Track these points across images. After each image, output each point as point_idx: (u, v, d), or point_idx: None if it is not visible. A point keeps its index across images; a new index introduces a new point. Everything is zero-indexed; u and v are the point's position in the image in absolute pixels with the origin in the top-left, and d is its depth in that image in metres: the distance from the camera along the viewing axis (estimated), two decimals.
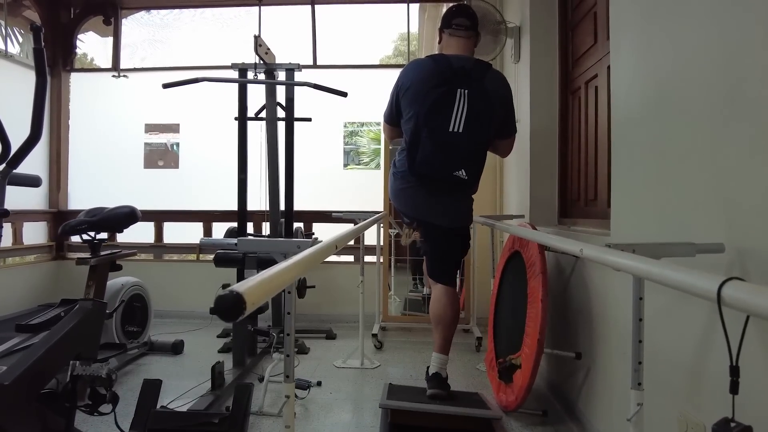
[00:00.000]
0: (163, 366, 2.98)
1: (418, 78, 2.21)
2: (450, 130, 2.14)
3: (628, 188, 1.69)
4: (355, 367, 2.94)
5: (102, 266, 1.48)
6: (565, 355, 2.08)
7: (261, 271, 2.14)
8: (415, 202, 2.32)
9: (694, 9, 1.28)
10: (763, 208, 1.02)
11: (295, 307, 1.16)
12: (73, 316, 1.36)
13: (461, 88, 2.15)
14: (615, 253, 0.98)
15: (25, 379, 1.17)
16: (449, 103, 2.15)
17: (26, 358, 1.19)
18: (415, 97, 2.19)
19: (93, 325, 1.41)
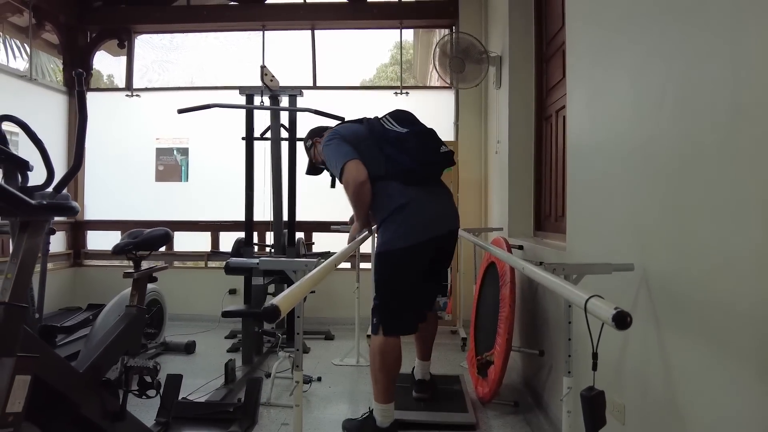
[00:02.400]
0: (178, 364, 3.29)
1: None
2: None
3: (578, 213, 2.03)
4: (352, 365, 3.27)
5: (143, 279, 1.80)
6: (531, 353, 2.41)
7: (269, 280, 2.57)
8: (421, 215, 2.09)
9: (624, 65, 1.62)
10: (660, 237, 1.35)
11: (303, 310, 1.49)
12: (123, 320, 1.68)
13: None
14: (541, 270, 1.31)
15: (92, 369, 1.50)
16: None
17: (92, 352, 1.52)
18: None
19: (137, 327, 1.73)
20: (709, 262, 1.12)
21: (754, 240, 0.96)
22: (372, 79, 17.07)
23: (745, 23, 0.99)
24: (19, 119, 2.29)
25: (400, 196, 2.09)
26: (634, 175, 1.50)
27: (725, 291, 1.05)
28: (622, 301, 1.53)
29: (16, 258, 1.20)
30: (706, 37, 1.13)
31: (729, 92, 1.04)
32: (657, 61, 1.37)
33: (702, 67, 1.15)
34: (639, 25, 1.48)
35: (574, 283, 1.47)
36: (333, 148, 2.16)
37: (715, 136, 1.08)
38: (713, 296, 1.09)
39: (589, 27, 1.93)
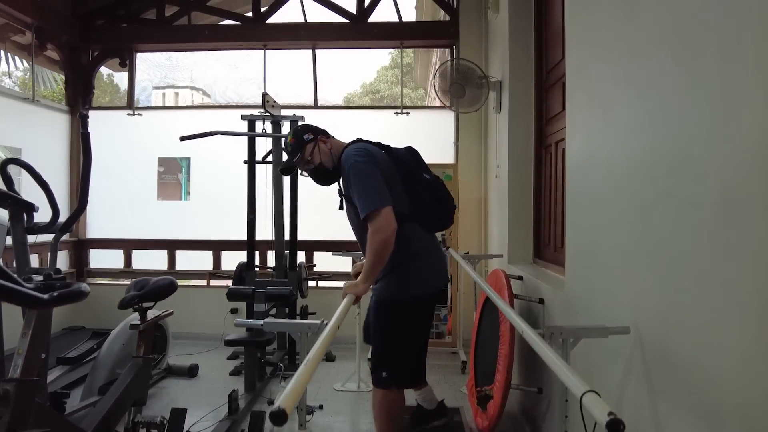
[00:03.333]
0: (181, 389, 3.33)
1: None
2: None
3: (577, 252, 2.06)
4: (353, 390, 3.31)
5: (149, 330, 1.84)
6: (529, 390, 2.45)
7: (270, 305, 2.51)
8: (434, 262, 2.04)
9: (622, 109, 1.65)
10: (653, 302, 1.38)
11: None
12: (129, 371, 1.72)
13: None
14: (541, 342, 1.34)
15: (100, 426, 1.54)
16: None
17: (100, 409, 1.56)
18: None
19: (143, 377, 1.77)
20: (702, 335, 1.15)
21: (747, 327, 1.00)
22: (372, 83, 17.07)
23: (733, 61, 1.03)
24: (24, 162, 2.33)
25: (419, 240, 1.98)
26: (631, 222, 1.53)
27: (717, 370, 1.09)
28: (616, 359, 1.57)
29: (27, 332, 1.24)
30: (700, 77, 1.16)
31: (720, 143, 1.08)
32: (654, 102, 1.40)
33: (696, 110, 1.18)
34: (637, 65, 1.51)
35: (572, 345, 1.51)
36: (368, 174, 1.86)
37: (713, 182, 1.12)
38: (705, 372, 1.13)
39: (589, 65, 1.96)
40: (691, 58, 1.21)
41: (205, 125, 3.84)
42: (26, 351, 1.22)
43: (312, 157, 2.06)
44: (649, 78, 1.44)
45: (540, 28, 3.26)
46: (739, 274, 1.02)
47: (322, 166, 2.06)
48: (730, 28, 1.06)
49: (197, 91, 21.68)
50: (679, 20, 1.28)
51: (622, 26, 1.63)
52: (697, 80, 1.20)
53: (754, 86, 0.98)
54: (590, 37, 1.95)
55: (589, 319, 1.89)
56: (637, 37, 1.52)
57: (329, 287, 4.40)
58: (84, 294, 1.32)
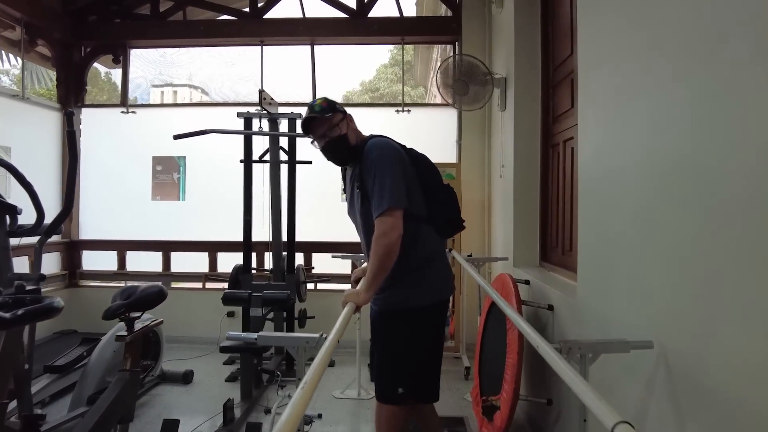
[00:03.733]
0: (175, 396, 3.22)
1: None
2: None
3: (590, 257, 1.95)
4: (353, 398, 3.20)
5: (136, 341, 1.72)
6: (539, 401, 2.34)
7: (267, 310, 2.31)
8: (446, 268, 1.94)
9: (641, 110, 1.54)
10: (680, 315, 1.27)
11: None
12: (115, 386, 1.60)
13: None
14: (559, 358, 1.23)
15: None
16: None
17: (83, 427, 1.44)
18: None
19: (130, 392, 1.65)
20: (737, 354, 1.04)
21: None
22: (372, 81, 16.95)
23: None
24: (6, 162, 2.22)
25: (434, 243, 1.87)
26: (653, 227, 1.42)
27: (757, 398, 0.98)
28: (639, 377, 1.46)
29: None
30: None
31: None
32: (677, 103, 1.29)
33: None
34: (660, 58, 1.39)
35: (592, 360, 1.40)
36: (393, 170, 1.74)
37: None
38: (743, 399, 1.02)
39: (604, 59, 1.85)
40: (726, 51, 1.10)
41: (201, 123, 3.72)
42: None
43: (339, 127, 1.86)
44: (675, 73, 1.33)
45: (546, 23, 3.14)
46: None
47: (345, 140, 1.86)
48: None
49: (196, 89, 21.50)
50: (711, 7, 1.17)
51: (643, 16, 1.52)
52: (733, 76, 1.08)
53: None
54: (605, 30, 1.84)
55: (602, 330, 1.78)
56: (660, 28, 1.41)
57: (328, 290, 4.28)
58: (55, 310, 1.20)
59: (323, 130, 1.85)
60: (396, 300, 1.83)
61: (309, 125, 1.87)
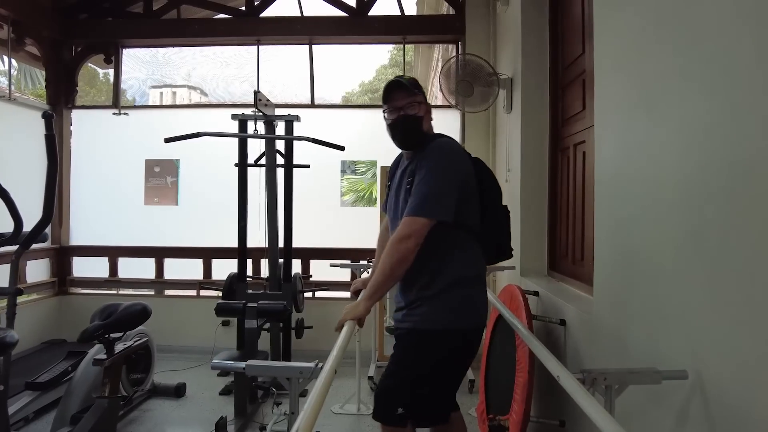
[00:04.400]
0: (166, 412, 3.07)
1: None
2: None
3: (610, 279, 1.81)
4: (353, 413, 3.05)
5: (117, 366, 1.58)
6: (550, 423, 2.19)
7: (262, 322, 2.12)
8: (486, 295, 1.82)
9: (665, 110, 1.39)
10: (723, 340, 1.13)
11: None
12: (92, 415, 1.46)
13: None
14: (581, 390, 1.09)
15: None
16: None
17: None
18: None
19: (109, 420, 1.51)
20: None
21: None
22: (371, 81, 16.80)
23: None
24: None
25: (481, 264, 1.74)
26: (685, 241, 1.28)
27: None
28: (670, 408, 1.32)
29: None
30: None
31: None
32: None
33: None
34: (696, 53, 1.25)
35: (618, 392, 1.25)
36: (451, 174, 1.62)
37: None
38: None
39: (626, 56, 1.71)
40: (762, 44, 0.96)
41: (195, 125, 3.57)
42: None
43: (419, 108, 1.76)
44: (714, 69, 1.18)
45: (556, 20, 3.01)
46: None
47: (419, 122, 1.74)
48: None
49: (195, 90, 21.34)
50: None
51: (672, 9, 1.38)
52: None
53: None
54: (627, 23, 1.70)
55: (623, 353, 1.63)
56: (695, 19, 1.26)
57: (327, 298, 4.14)
58: (9, 345, 1.06)
59: (403, 103, 1.73)
60: (439, 318, 1.63)
61: (392, 92, 1.75)
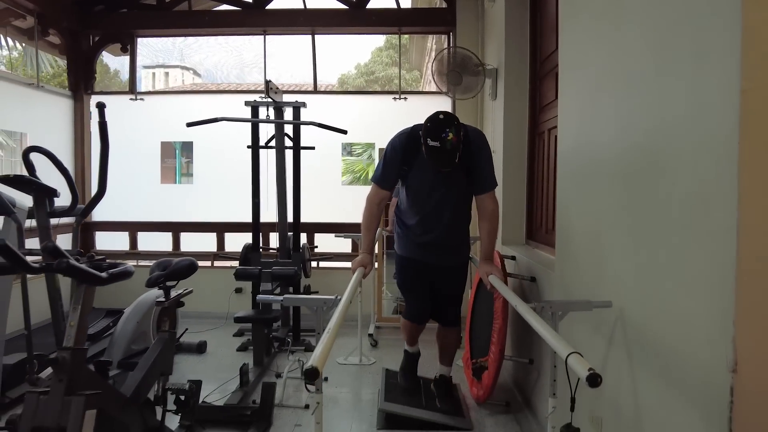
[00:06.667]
0: (191, 365, 3.51)
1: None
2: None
3: (567, 242, 2.23)
4: (355, 364, 3.51)
5: (172, 306, 1.99)
6: (521, 361, 2.65)
7: (276, 285, 2.74)
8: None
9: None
10: (633, 282, 1.56)
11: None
12: (157, 344, 1.88)
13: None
14: (531, 313, 1.51)
15: (137, 392, 1.70)
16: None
17: (135, 376, 1.72)
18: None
19: (169, 349, 1.93)
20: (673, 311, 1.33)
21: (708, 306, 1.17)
22: (367, 64, 16.96)
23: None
24: (45, 149, 2.45)
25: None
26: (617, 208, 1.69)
27: (685, 340, 1.26)
28: (602, 334, 1.75)
29: (77, 307, 1.39)
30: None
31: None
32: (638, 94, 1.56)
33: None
34: (624, 63, 1.65)
35: (561, 317, 1.69)
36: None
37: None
38: (676, 340, 1.30)
39: (580, 58, 2.10)
40: (673, 59, 1.36)
41: (205, 109, 3.95)
42: (77, 323, 1.37)
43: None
44: (634, 77, 1.58)
45: (535, 18, 3.37)
46: (705, 259, 1.18)
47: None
48: (709, 31, 1.19)
49: (188, 70, 21.44)
50: (662, 24, 1.42)
51: (610, 23, 1.77)
52: (676, 81, 1.34)
53: (726, 84, 1.11)
54: (582, 32, 2.08)
55: (571, 294, 2.07)
56: (623, 38, 1.66)
57: (330, 267, 4.57)
58: (132, 273, 1.47)
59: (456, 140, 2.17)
60: (468, 253, 2.75)
61: (456, 154, 2.18)
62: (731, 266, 1.06)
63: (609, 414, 1.71)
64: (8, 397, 2.67)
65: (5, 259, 1.17)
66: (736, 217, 1.06)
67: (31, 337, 2.58)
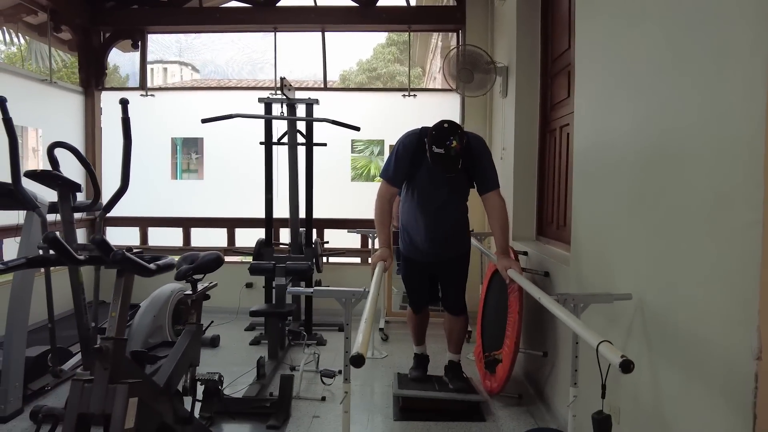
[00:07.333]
0: (206, 358, 3.53)
1: None
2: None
3: (583, 237, 2.28)
4: (368, 358, 3.54)
5: (199, 299, 2.04)
6: (536, 354, 2.70)
7: (289, 279, 2.81)
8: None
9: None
10: (652, 275, 1.61)
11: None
12: (186, 336, 1.92)
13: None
14: (557, 305, 1.56)
15: (168, 382, 1.75)
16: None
17: (167, 367, 1.77)
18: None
19: (197, 342, 1.98)
20: (692, 303, 1.37)
21: (728, 298, 1.22)
22: (369, 60, 16.94)
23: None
24: (70, 145, 2.49)
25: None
26: (634, 204, 1.74)
27: (706, 330, 1.31)
28: (622, 326, 1.80)
29: (118, 298, 1.43)
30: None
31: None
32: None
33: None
34: (641, 63, 1.70)
35: (583, 309, 1.73)
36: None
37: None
38: (697, 330, 1.35)
39: (597, 57, 2.14)
40: (695, 57, 1.40)
41: (214, 105, 3.97)
42: (118, 314, 1.41)
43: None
44: (654, 74, 1.63)
45: (546, 17, 3.41)
46: (727, 252, 1.23)
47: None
48: (732, 30, 1.24)
49: (186, 66, 21.47)
50: (682, 23, 1.46)
51: (634, 18, 1.80)
52: (695, 82, 1.39)
53: (750, 83, 1.16)
54: (599, 31, 2.12)
55: (588, 288, 2.11)
56: (642, 36, 1.70)
57: (341, 263, 4.62)
58: (174, 265, 1.51)
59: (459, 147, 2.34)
60: (469, 245, 2.86)
61: (459, 160, 2.36)
62: (756, 257, 1.11)
63: (627, 403, 1.76)
64: (30, 388, 2.71)
65: (55, 252, 1.21)
66: (762, 211, 1.11)
67: (55, 330, 2.63)
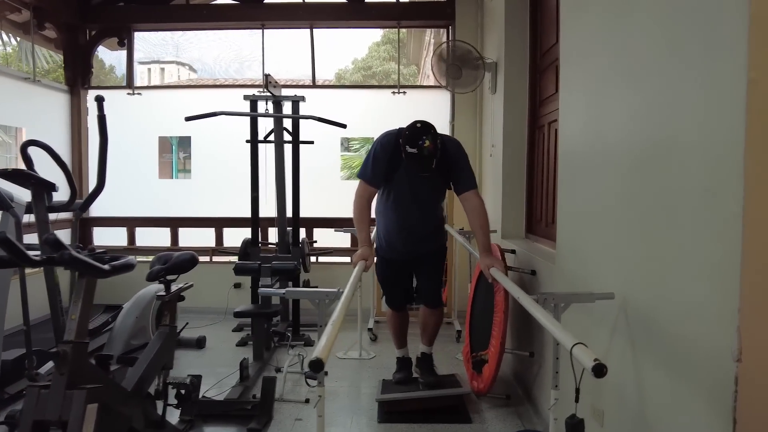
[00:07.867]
0: (191, 360, 3.50)
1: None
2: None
3: (567, 227, 2.23)
4: (355, 358, 3.51)
5: (173, 300, 1.99)
6: (522, 354, 2.65)
7: (275, 280, 2.75)
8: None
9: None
10: (635, 273, 1.56)
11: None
12: (158, 339, 1.87)
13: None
14: (534, 305, 1.51)
15: (138, 385, 1.70)
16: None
17: (136, 371, 1.71)
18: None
19: (170, 344, 1.92)
20: (676, 301, 1.33)
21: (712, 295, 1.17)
22: (364, 59, 16.90)
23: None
24: (43, 143, 2.43)
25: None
26: (619, 200, 1.69)
27: (690, 330, 1.26)
28: (605, 325, 1.75)
29: (78, 300, 1.38)
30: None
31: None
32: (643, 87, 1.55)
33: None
34: (630, 56, 1.65)
35: (563, 309, 1.68)
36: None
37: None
38: (680, 330, 1.30)
39: (583, 51, 2.09)
40: (682, 52, 1.35)
41: (202, 104, 3.91)
42: (78, 316, 1.36)
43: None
44: (641, 69, 1.57)
45: (535, 11, 3.36)
46: (710, 250, 1.18)
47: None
48: (719, 20, 1.18)
49: (183, 66, 21.38)
50: (671, 15, 1.40)
51: (619, 15, 1.75)
52: (686, 74, 1.33)
53: (736, 75, 1.10)
54: (585, 26, 2.07)
55: (572, 287, 2.06)
56: (631, 29, 1.64)
57: (329, 262, 4.56)
58: (134, 265, 1.46)
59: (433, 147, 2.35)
60: (445, 240, 2.89)
61: (433, 160, 2.37)
62: (736, 256, 1.06)
63: (611, 406, 1.72)
64: (7, 392, 2.66)
65: (6, 252, 1.16)
66: (742, 206, 1.06)
67: (30, 333, 2.57)
